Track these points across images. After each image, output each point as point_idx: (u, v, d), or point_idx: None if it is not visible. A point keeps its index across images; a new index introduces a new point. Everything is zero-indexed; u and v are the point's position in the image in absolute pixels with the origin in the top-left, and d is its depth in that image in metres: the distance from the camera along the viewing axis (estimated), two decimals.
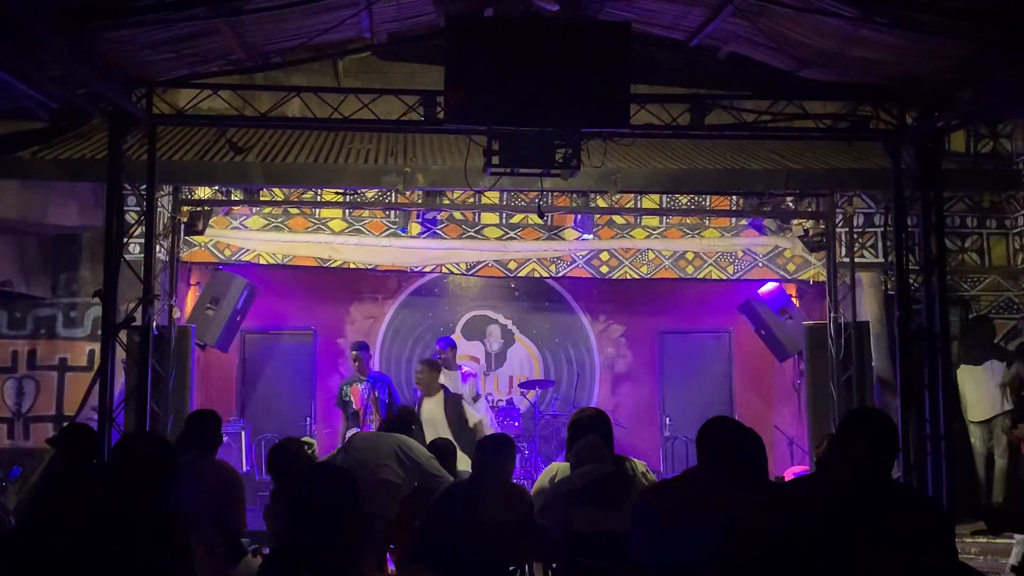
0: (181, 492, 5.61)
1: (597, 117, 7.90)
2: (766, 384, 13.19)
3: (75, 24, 7.01)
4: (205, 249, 11.49)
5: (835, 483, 3.88)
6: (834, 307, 10.76)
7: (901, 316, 9.13)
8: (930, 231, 9.07)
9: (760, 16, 8.31)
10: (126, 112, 8.54)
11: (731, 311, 12.52)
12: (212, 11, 7.67)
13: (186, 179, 10.21)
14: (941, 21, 7.28)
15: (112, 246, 8.62)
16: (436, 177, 9.88)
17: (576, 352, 13.55)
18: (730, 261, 12.18)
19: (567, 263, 12.29)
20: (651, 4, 8.76)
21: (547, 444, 12.26)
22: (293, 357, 12.96)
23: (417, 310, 13.39)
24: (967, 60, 7.89)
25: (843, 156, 10.25)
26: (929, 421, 8.84)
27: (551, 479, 6.00)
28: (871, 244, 11.45)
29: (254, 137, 10.14)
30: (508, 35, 7.80)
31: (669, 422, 12.74)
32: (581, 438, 5.70)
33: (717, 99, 9.11)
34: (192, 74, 8.96)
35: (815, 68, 9.01)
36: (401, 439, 7.18)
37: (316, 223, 11.80)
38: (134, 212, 9.75)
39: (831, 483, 3.92)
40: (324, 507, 3.61)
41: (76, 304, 10.92)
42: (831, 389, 10.42)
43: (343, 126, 9.32)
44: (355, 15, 8.63)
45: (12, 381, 10.84)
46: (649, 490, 4.81)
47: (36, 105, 8.42)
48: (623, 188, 10.21)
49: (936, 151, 9.16)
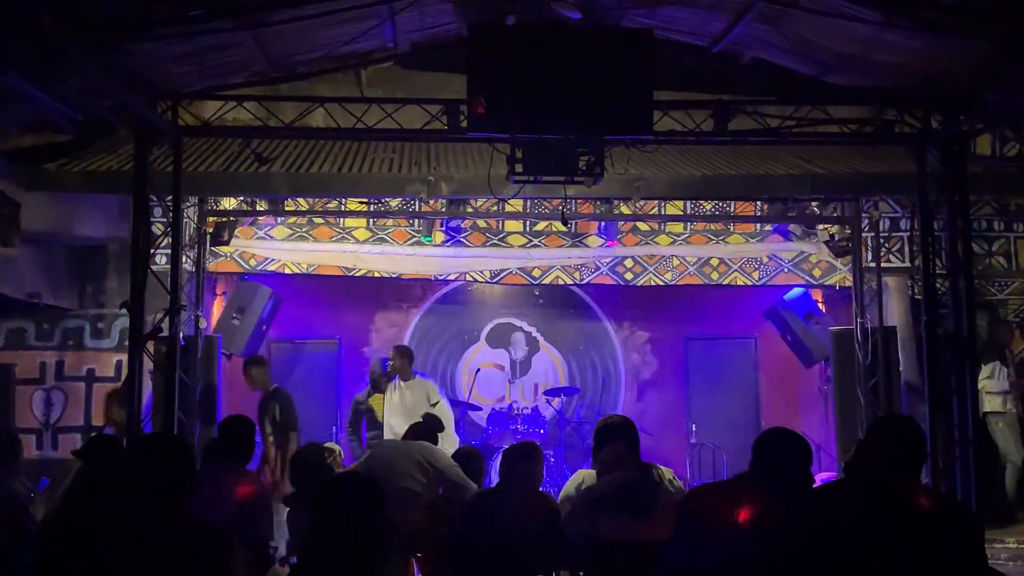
0: (209, 502, 5.69)
1: (620, 124, 7.91)
2: (793, 390, 13.12)
3: (101, 38, 7.08)
4: (231, 259, 11.57)
5: (864, 490, 3.86)
6: (860, 312, 10.70)
7: (928, 321, 9.11)
8: (956, 235, 9.06)
9: (783, 21, 8.36)
10: (152, 124, 8.60)
11: (757, 317, 12.50)
12: (236, 23, 7.74)
13: (211, 190, 10.29)
14: (964, 23, 7.26)
15: (139, 257, 8.67)
16: (459, 185, 9.91)
17: (601, 359, 13.53)
18: (755, 267, 12.15)
19: (591, 270, 12.29)
20: (673, 10, 8.79)
21: (573, 451, 12.22)
22: (318, 366, 12.97)
23: (442, 318, 13.42)
24: (992, 62, 7.85)
25: (868, 160, 10.21)
26: (957, 426, 8.81)
27: (577, 487, 5.94)
28: (897, 248, 11.42)
29: (279, 147, 10.19)
30: (530, 43, 7.82)
31: (695, 429, 12.70)
32: (607, 445, 5.67)
33: (741, 105, 9.07)
34: (217, 85, 9.05)
35: (839, 72, 9.05)
36: (425, 447, 7.16)
37: (340, 232, 11.84)
38: (160, 223, 9.80)
39: (860, 490, 3.90)
40: (349, 516, 3.61)
41: (103, 315, 11.04)
42: (858, 395, 10.36)
43: (367, 135, 9.31)
44: (378, 25, 8.74)
45: (40, 392, 10.96)
46: (695, 491, 4.83)
47: (62, 118, 8.50)
48: (647, 195, 10.21)
49: (962, 154, 9.14)
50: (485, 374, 13.19)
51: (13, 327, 11.07)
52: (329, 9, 7.74)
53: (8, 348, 11.07)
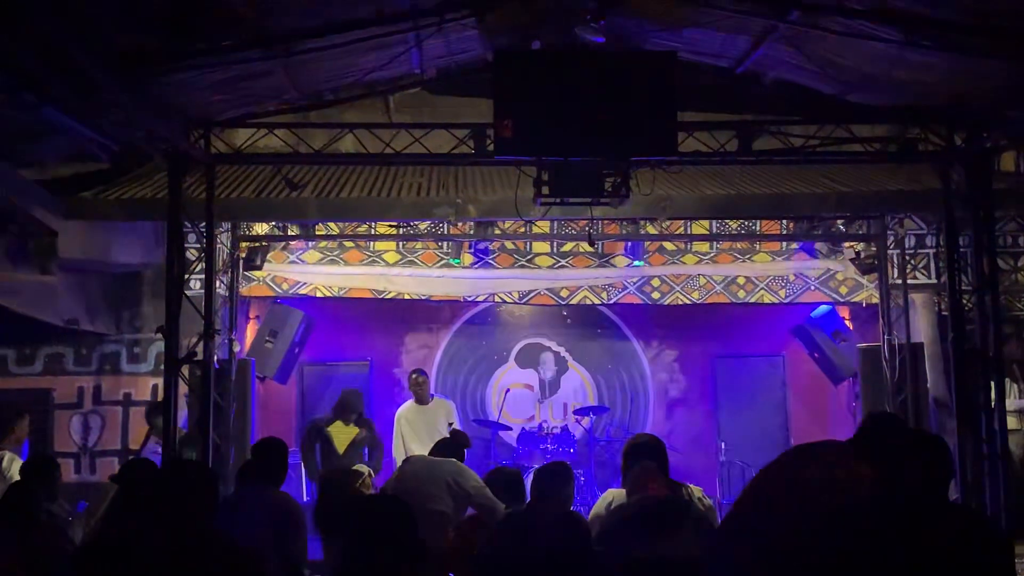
0: (243, 524, 5.79)
1: (645, 146, 7.94)
2: (821, 407, 13.12)
3: (134, 69, 7.19)
4: (263, 284, 11.70)
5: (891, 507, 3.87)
6: (888, 329, 10.70)
7: (955, 337, 9.12)
8: (982, 251, 9.05)
9: (805, 42, 8.37)
10: (185, 152, 8.73)
11: (784, 335, 12.55)
12: (266, 53, 7.83)
13: (244, 216, 10.41)
14: (985, 41, 7.27)
15: (173, 283, 8.76)
16: (487, 208, 10.02)
17: (630, 378, 13.59)
18: (782, 285, 12.15)
19: (619, 290, 12.33)
20: (696, 33, 8.80)
21: (603, 470, 12.26)
22: (350, 387, 13.06)
23: (471, 339, 13.52)
24: (1014, 79, 7.85)
25: (893, 178, 10.25)
26: (986, 441, 8.81)
27: (607, 506, 5.95)
28: (923, 265, 11.38)
29: (309, 173, 10.32)
30: (555, 67, 7.90)
31: (724, 447, 12.65)
32: (636, 464, 5.66)
33: (765, 125, 9.18)
34: (247, 114, 9.18)
35: (861, 91, 9.05)
36: (454, 467, 7.13)
37: (371, 255, 11.93)
38: (194, 249, 9.96)
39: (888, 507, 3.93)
40: (381, 539, 3.68)
41: (139, 340, 11.22)
42: (887, 411, 10.30)
43: (395, 160, 9.42)
44: (405, 52, 8.75)
45: (78, 417, 11.14)
46: None
47: (98, 148, 8.65)
48: (673, 215, 10.30)
49: (986, 171, 9.13)
50: (515, 394, 13.27)
51: (52, 352, 11.26)
52: (356, 38, 7.85)
53: (47, 373, 11.25)
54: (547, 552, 5.51)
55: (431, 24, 8.10)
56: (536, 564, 5.46)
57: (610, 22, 8.38)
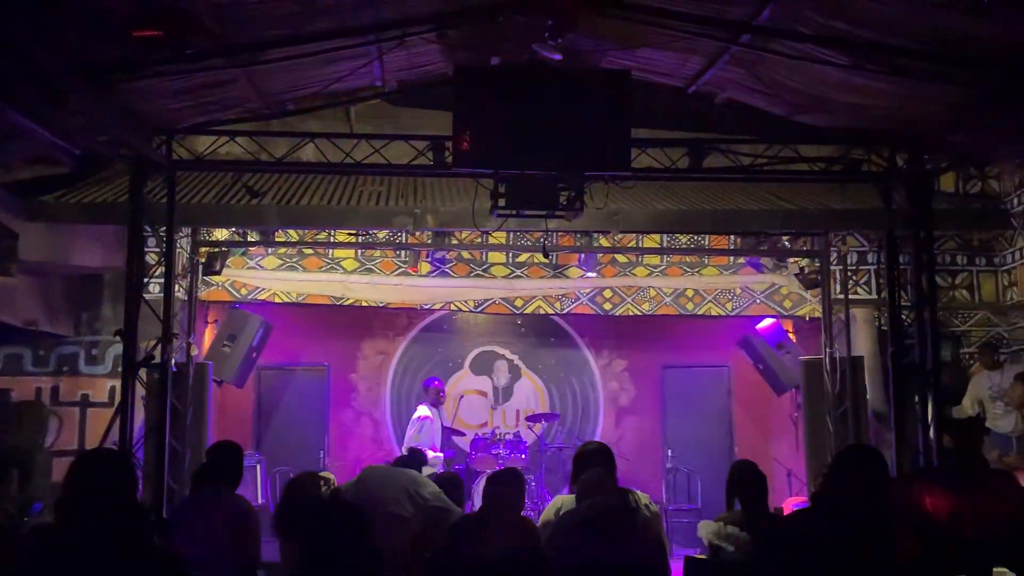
0: (199, 526, 5.88)
1: (599, 161, 8.05)
2: (764, 417, 13.35)
3: (99, 76, 7.27)
4: (222, 288, 11.73)
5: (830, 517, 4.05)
6: (829, 342, 10.87)
7: (894, 351, 9.34)
8: (921, 269, 9.26)
9: (756, 64, 8.55)
10: (147, 158, 8.78)
11: (730, 346, 12.69)
12: (229, 62, 7.92)
13: (204, 221, 10.45)
14: (930, 68, 7.46)
15: (133, 286, 8.81)
16: (445, 218, 10.11)
17: (581, 386, 13.77)
18: (729, 298, 12.37)
19: (571, 300, 12.52)
20: (650, 53, 8.92)
21: (553, 476, 12.41)
22: (307, 392, 13.22)
23: (427, 346, 13.64)
24: (956, 105, 8.09)
25: (837, 197, 10.45)
26: (922, 453, 9.04)
27: (557, 511, 5.97)
28: (865, 281, 11.66)
29: (269, 181, 10.36)
30: (513, 83, 8.02)
31: (671, 454, 12.91)
32: (586, 471, 5.72)
33: (715, 143, 9.36)
34: (210, 121, 9.22)
35: (809, 113, 9.25)
36: (413, 475, 7.28)
37: (329, 263, 12.04)
38: (154, 253, 10.00)
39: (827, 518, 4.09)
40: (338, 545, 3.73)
41: (98, 342, 11.22)
42: (827, 422, 10.51)
43: (355, 170, 9.50)
44: (367, 64, 8.82)
45: None
46: None
47: (60, 152, 8.53)
48: (625, 228, 10.44)
49: (926, 192, 9.35)
50: (468, 400, 13.44)
51: (10, 353, 11.24)
52: (318, 50, 7.94)
53: (5, 373, 11.22)
54: (498, 556, 5.61)
55: (393, 38, 8.21)
56: (487, 568, 5.53)
57: (567, 41, 8.42)
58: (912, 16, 6.90)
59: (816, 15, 7.26)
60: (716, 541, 5.81)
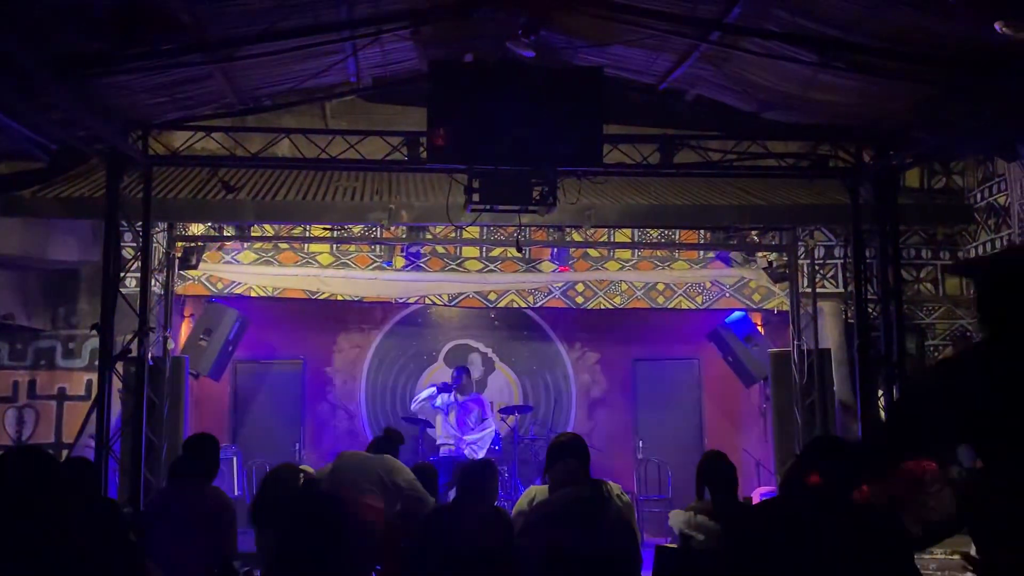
0: (176, 517, 5.95)
1: (572, 157, 8.19)
2: (734, 408, 13.53)
3: (75, 71, 7.29)
4: (198, 283, 11.77)
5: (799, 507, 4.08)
6: (797, 335, 11.03)
7: (860, 343, 9.51)
8: (887, 263, 9.45)
9: (725, 62, 8.66)
10: (123, 153, 8.85)
11: (700, 339, 12.83)
12: (205, 58, 7.96)
13: (180, 216, 10.47)
14: (896, 66, 7.60)
15: (109, 281, 8.87)
16: (419, 213, 10.18)
17: (553, 379, 13.86)
18: (699, 291, 12.50)
19: (544, 294, 12.63)
20: (622, 50, 9.02)
21: (526, 467, 12.46)
22: (283, 385, 13.26)
23: (402, 340, 13.70)
24: (921, 102, 8.23)
25: (805, 192, 10.60)
26: None
27: (530, 501, 6.05)
28: (831, 275, 11.79)
29: (245, 176, 10.42)
30: (487, 80, 8.14)
31: (642, 445, 13.06)
32: (559, 462, 5.66)
33: (685, 139, 9.45)
34: (186, 117, 9.27)
35: (777, 110, 9.36)
36: (386, 461, 7.26)
37: (305, 257, 12.08)
38: (131, 247, 9.99)
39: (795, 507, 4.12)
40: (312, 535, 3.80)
41: (75, 336, 11.20)
42: (795, 413, 10.66)
43: (330, 165, 9.60)
44: (342, 61, 8.88)
45: (13, 410, 11.11)
46: None
47: (36, 147, 8.58)
48: (597, 223, 10.50)
49: (892, 187, 9.53)
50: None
51: None
52: (294, 46, 8.00)
53: None
54: (472, 546, 5.69)
55: (368, 34, 8.28)
56: (461, 557, 5.60)
57: (540, 38, 8.56)
58: (877, 15, 7.01)
59: (784, 13, 7.36)
60: (686, 530, 5.90)
